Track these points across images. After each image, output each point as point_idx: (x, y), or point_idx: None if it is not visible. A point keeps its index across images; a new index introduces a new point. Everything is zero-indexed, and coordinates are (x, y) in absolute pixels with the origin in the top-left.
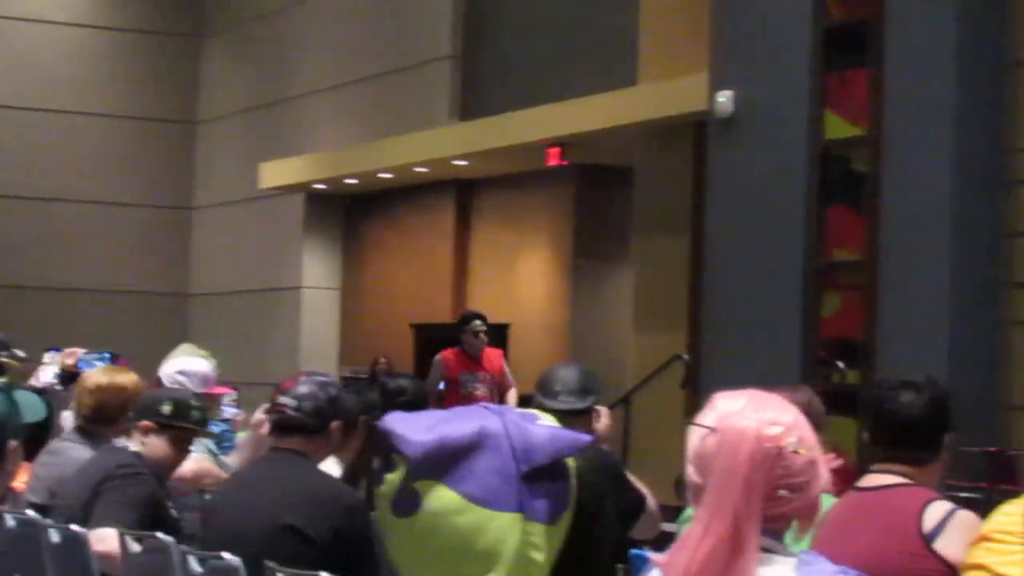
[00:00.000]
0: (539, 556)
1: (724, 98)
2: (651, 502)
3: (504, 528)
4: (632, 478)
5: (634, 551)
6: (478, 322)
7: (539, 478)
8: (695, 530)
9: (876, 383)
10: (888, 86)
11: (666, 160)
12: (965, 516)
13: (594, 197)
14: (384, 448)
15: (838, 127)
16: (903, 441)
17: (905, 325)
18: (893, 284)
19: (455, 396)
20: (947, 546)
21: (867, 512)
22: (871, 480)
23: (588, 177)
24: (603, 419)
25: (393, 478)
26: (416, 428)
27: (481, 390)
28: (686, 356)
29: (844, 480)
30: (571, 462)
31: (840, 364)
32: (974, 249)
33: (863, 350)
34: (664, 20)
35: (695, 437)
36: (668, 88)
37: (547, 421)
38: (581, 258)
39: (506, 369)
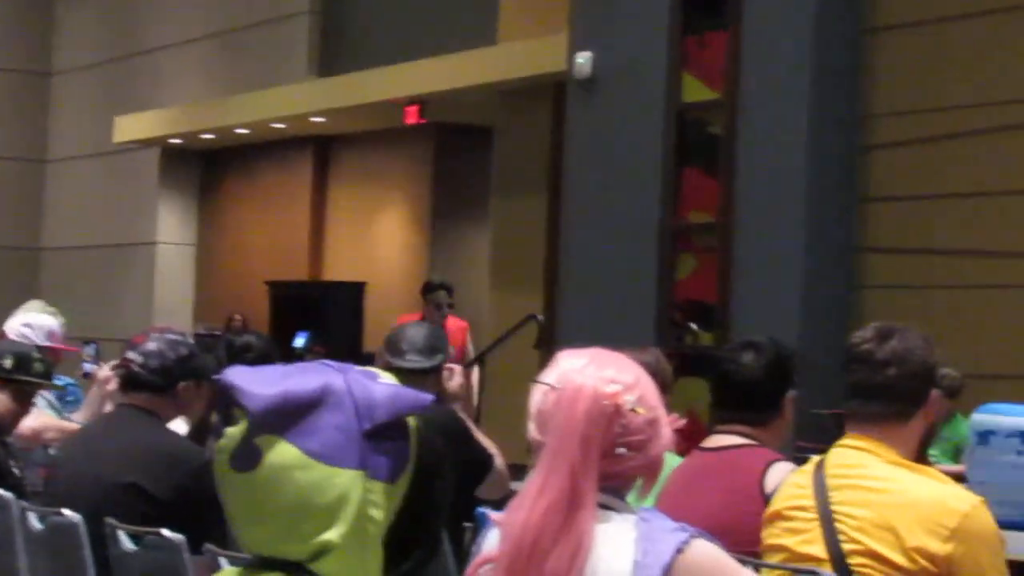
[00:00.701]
0: (378, 514)
1: (583, 59)
2: (499, 462)
3: (345, 485)
4: (481, 438)
5: (479, 509)
6: (443, 293)
7: (380, 436)
8: (532, 487)
9: (720, 346)
10: (745, 50)
11: (525, 120)
12: None
13: (453, 156)
14: (224, 402)
15: (695, 90)
16: (745, 401)
17: (759, 288)
18: (748, 247)
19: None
20: None
21: (711, 472)
22: (715, 441)
23: (447, 136)
24: (456, 378)
25: (233, 432)
26: (258, 382)
27: None
28: (540, 316)
29: (695, 441)
30: (412, 421)
31: (694, 326)
32: (829, 214)
33: (717, 312)
34: None
35: (537, 394)
36: (527, 48)
37: (388, 379)
38: (439, 217)
39: (469, 347)
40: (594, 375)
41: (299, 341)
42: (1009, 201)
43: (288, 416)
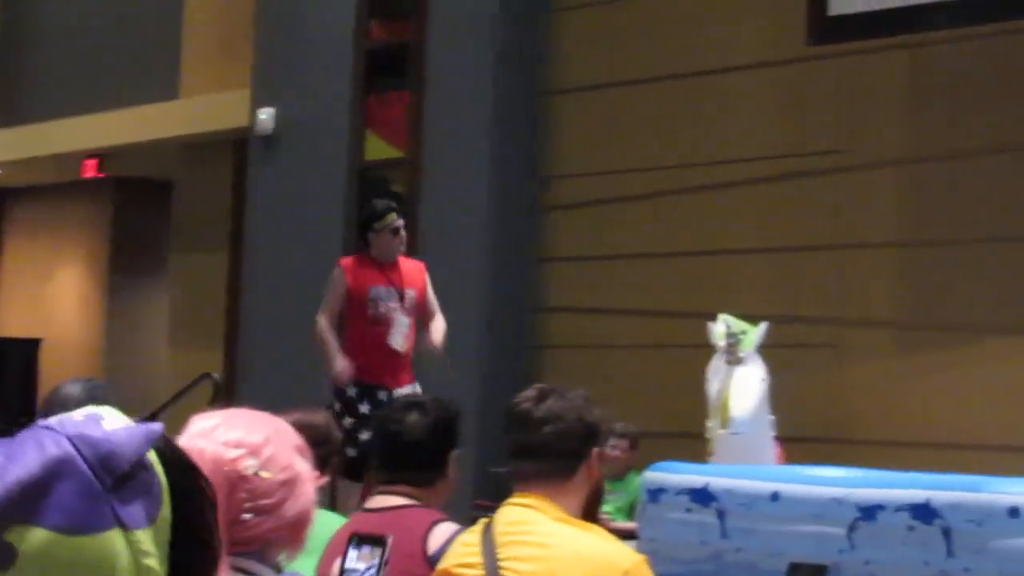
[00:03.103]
0: (153, 562)
1: (265, 115)
2: None
3: (108, 549)
4: None
5: None
6: (395, 215)
7: (126, 483)
8: None
9: (388, 405)
10: (427, 109)
11: (206, 176)
12: None
13: (132, 211)
14: None
15: (378, 148)
16: (407, 462)
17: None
18: None
19: (361, 320)
20: None
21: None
22: (378, 501)
23: (126, 190)
24: None
25: None
26: None
27: (398, 312)
28: (216, 375)
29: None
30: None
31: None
32: (509, 273)
33: None
34: (207, 35)
35: None
36: (209, 103)
37: (112, 416)
38: (117, 273)
39: (430, 292)
40: (220, 439)
41: None
42: (674, 262)
43: (25, 501)
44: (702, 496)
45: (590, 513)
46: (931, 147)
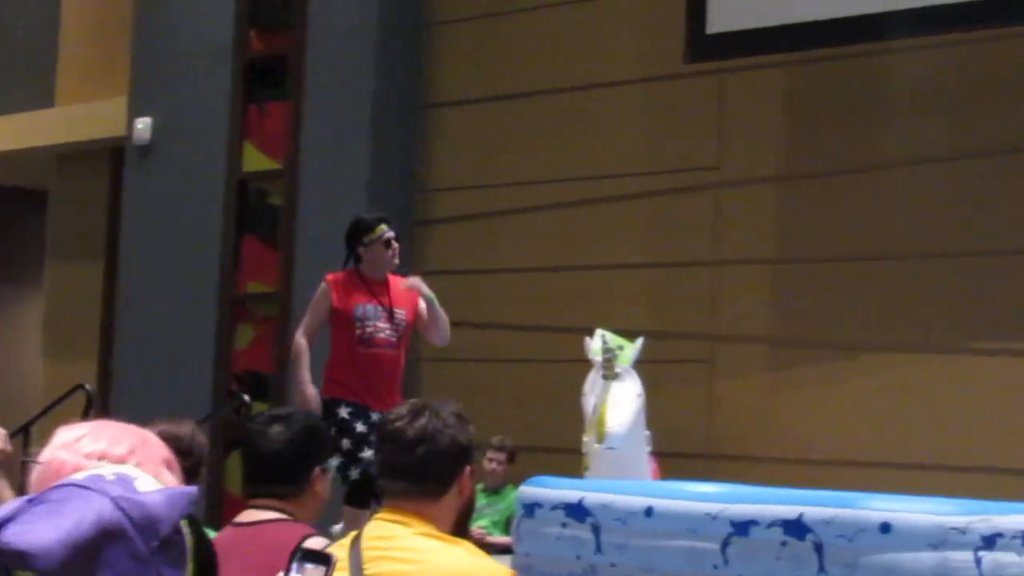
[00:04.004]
0: None
1: (142, 124)
2: None
3: None
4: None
5: None
6: (385, 226)
7: (166, 545)
8: None
9: (253, 417)
10: (306, 120)
11: (82, 184)
12: None
13: (6, 219)
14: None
15: (256, 159)
16: (270, 474)
17: (316, 359)
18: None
19: (348, 339)
20: None
21: (242, 548)
22: (247, 515)
23: (1, 199)
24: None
25: None
26: (29, 532)
27: (386, 333)
28: (88, 386)
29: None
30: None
31: (246, 397)
32: None
33: (273, 383)
34: (84, 43)
35: (35, 468)
36: (85, 111)
37: (141, 478)
38: None
39: (421, 309)
40: (82, 451)
41: None
42: (551, 277)
43: (81, 563)
44: (577, 511)
45: (461, 528)
46: (806, 165)
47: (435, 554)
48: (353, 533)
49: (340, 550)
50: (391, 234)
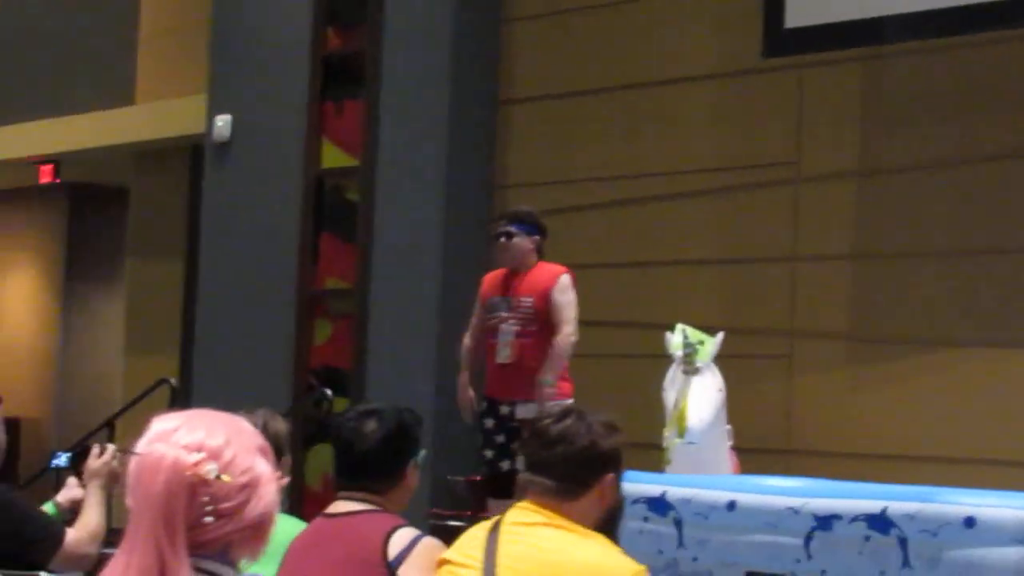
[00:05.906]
0: None
1: (221, 122)
2: (73, 537)
3: None
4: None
5: None
6: (502, 221)
7: None
8: (119, 562)
9: (343, 412)
10: (382, 117)
11: (161, 182)
12: (429, 543)
13: (88, 217)
14: None
15: (333, 156)
16: (364, 470)
17: (394, 355)
18: (382, 314)
19: (481, 328)
20: (409, 572)
21: (332, 539)
22: (337, 507)
23: (81, 196)
24: (102, 456)
25: None
26: None
27: (507, 323)
28: (173, 380)
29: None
30: None
31: (328, 392)
32: (462, 283)
33: (352, 378)
34: (163, 41)
35: (131, 460)
36: (165, 109)
37: None
38: (73, 279)
39: (557, 297)
40: (179, 442)
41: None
42: (630, 273)
43: None
44: (659, 506)
45: (608, 536)
46: (886, 159)
47: (567, 543)
48: (496, 517)
49: (481, 530)
50: (500, 230)
